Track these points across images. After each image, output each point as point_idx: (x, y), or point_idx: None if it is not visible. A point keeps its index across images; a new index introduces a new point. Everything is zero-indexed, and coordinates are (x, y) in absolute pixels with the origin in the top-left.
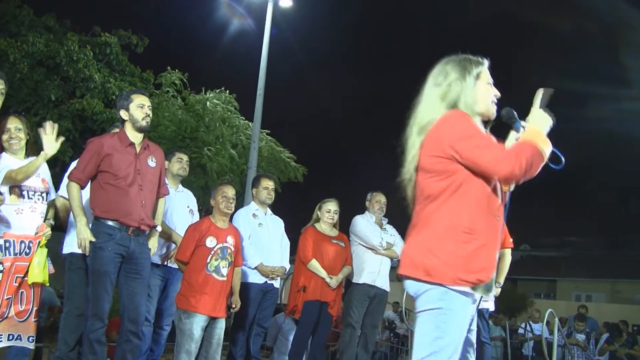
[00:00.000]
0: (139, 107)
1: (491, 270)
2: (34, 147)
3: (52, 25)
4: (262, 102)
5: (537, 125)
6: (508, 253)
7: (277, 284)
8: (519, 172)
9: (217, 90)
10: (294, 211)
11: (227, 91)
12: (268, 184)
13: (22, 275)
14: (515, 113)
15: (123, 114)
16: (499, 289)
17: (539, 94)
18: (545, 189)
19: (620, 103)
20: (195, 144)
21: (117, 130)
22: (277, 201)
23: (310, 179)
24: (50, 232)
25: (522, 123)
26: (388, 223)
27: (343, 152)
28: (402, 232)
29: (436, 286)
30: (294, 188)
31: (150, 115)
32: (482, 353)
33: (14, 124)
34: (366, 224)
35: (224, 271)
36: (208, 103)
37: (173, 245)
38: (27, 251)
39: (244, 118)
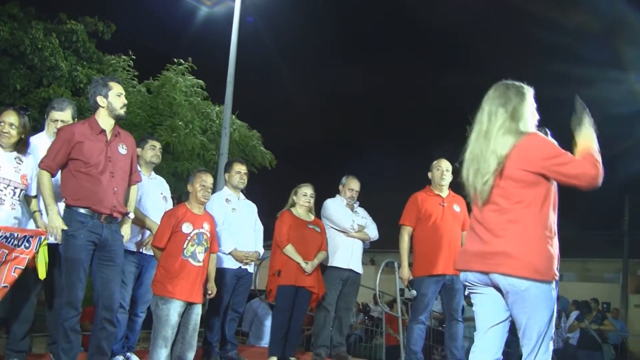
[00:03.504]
0: (118, 96)
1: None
2: (23, 147)
3: (16, 14)
4: (233, 89)
5: (589, 132)
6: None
7: (251, 268)
8: (601, 177)
9: (180, 66)
10: (267, 196)
11: (191, 70)
12: (240, 169)
13: (22, 267)
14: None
15: (100, 100)
16: None
17: (579, 103)
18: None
19: (588, 87)
20: (165, 130)
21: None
22: (250, 186)
23: (282, 165)
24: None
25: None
26: (360, 206)
27: (316, 141)
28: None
29: (544, 283)
30: (267, 174)
31: (126, 104)
32: (456, 330)
33: (10, 119)
34: (337, 207)
35: (200, 257)
36: (173, 80)
37: (148, 232)
38: (27, 244)
39: (216, 105)
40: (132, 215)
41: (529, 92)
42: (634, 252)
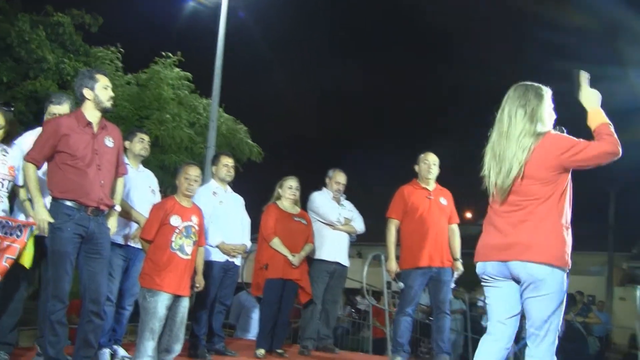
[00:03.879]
0: (105, 89)
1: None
2: (8, 138)
3: (2, 6)
4: (220, 82)
5: (595, 105)
6: (456, 228)
7: (238, 261)
8: (619, 147)
9: (168, 60)
10: (253, 190)
11: (179, 63)
12: (228, 161)
13: (14, 257)
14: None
15: (87, 93)
16: (460, 263)
17: (581, 76)
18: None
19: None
20: (152, 123)
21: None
22: (238, 180)
23: (269, 160)
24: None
25: None
26: (346, 199)
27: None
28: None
29: (560, 270)
30: (253, 167)
31: (113, 97)
32: (443, 323)
33: None
34: (323, 200)
35: (188, 250)
36: (161, 74)
37: (135, 225)
38: (19, 234)
39: (204, 97)
40: (118, 208)
41: (547, 93)
42: (619, 245)
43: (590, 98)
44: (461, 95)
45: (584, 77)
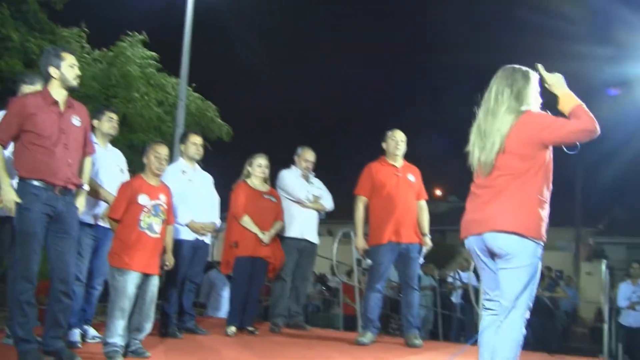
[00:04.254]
0: (71, 67)
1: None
2: None
3: None
4: (189, 60)
5: (563, 88)
6: (424, 205)
7: (207, 240)
8: (597, 128)
9: (133, 39)
10: (223, 169)
11: (145, 43)
12: (196, 140)
13: None
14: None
15: (53, 71)
16: (428, 239)
17: (539, 67)
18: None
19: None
20: (120, 102)
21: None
22: (206, 159)
23: (238, 139)
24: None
25: None
26: (315, 176)
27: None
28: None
29: (530, 240)
30: (222, 146)
31: (80, 75)
32: (412, 299)
33: None
34: (292, 178)
35: (157, 228)
36: (128, 52)
37: (104, 205)
38: None
39: (174, 76)
40: (86, 187)
41: (534, 76)
42: (586, 221)
43: (556, 83)
44: (432, 72)
45: (542, 68)
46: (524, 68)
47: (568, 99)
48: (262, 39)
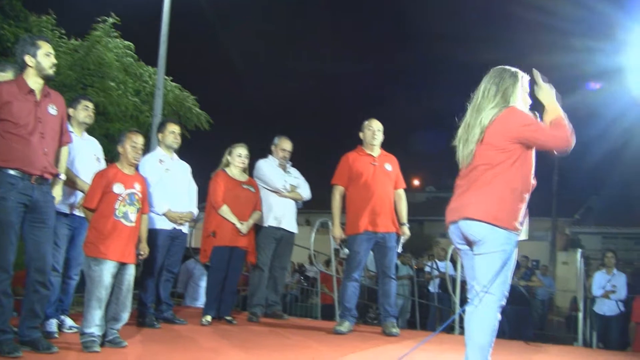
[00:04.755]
0: (47, 56)
1: (520, 223)
2: None
3: None
4: (166, 49)
5: (552, 99)
6: (402, 194)
7: (185, 229)
8: (572, 141)
9: (106, 24)
10: (201, 158)
11: (119, 26)
12: (174, 128)
13: None
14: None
15: (28, 60)
16: (406, 228)
17: (536, 74)
18: (452, 133)
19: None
20: (96, 91)
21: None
22: (184, 148)
23: (217, 129)
24: None
25: None
26: (292, 166)
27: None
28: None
29: (501, 229)
30: (200, 136)
31: (56, 64)
32: (389, 288)
33: None
34: (269, 168)
35: (132, 217)
36: (103, 41)
37: (81, 194)
38: None
39: (149, 66)
40: (63, 177)
41: (523, 77)
42: (563, 211)
43: (547, 92)
44: (410, 63)
45: (538, 75)
46: (514, 69)
47: (554, 109)
48: (241, 28)
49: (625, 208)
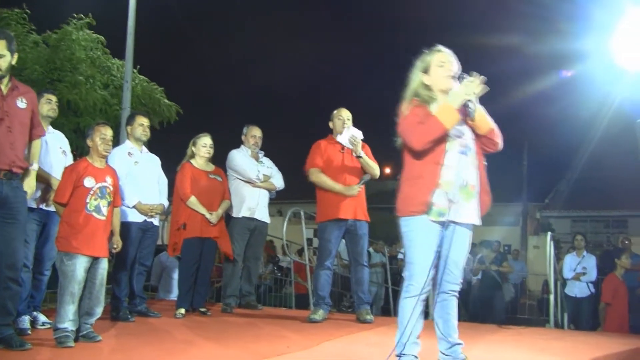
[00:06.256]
0: None
1: (425, 203)
2: None
3: None
4: (133, 42)
5: (450, 100)
6: None
7: (156, 221)
8: (411, 144)
9: (79, 21)
10: (171, 151)
11: (91, 25)
12: (143, 121)
13: None
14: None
15: None
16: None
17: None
18: None
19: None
20: (64, 86)
21: None
22: (154, 141)
23: (183, 120)
24: None
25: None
26: (265, 156)
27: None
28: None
29: (400, 218)
30: (169, 128)
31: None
32: (362, 275)
33: None
34: (242, 158)
35: (104, 210)
36: (74, 35)
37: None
38: None
39: (118, 58)
40: (35, 167)
41: (428, 55)
42: (533, 196)
43: (457, 93)
44: (383, 52)
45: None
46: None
47: (444, 109)
48: (208, 18)
49: (594, 191)
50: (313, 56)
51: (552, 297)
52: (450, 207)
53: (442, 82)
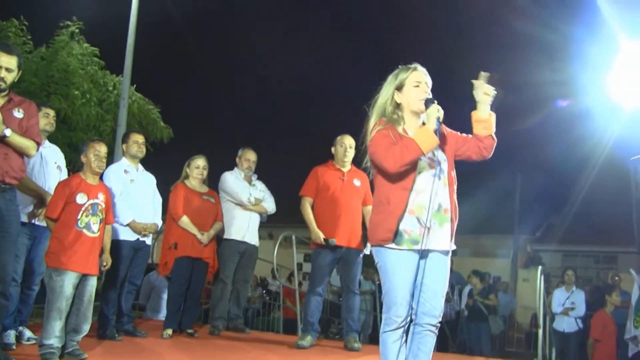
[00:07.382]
0: None
1: (392, 231)
2: None
3: None
4: (132, 59)
5: (428, 123)
6: (370, 209)
7: (149, 240)
8: (384, 167)
9: (70, 29)
10: (164, 170)
11: (83, 32)
12: (138, 138)
13: None
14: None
15: None
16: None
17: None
18: None
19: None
20: (59, 99)
21: None
22: (147, 161)
23: (177, 139)
24: None
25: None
26: (258, 179)
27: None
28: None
29: (373, 247)
30: (163, 147)
31: (8, 77)
32: (353, 302)
33: None
34: (234, 180)
35: (95, 227)
36: (68, 45)
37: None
38: None
39: (115, 75)
40: (8, 132)
41: (402, 72)
42: (524, 229)
43: (430, 117)
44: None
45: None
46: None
47: (424, 132)
48: (208, 37)
49: (586, 227)
50: (315, 76)
51: (540, 331)
52: (424, 234)
53: (415, 104)
